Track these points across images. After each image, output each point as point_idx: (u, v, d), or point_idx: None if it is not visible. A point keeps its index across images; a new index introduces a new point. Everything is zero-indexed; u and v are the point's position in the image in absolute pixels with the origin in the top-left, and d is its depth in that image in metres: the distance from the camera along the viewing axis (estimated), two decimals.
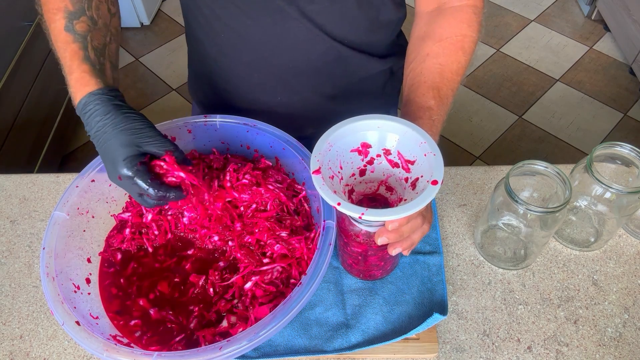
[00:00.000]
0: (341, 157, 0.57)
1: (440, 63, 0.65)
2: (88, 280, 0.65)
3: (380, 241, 0.54)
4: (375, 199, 0.63)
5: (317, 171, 0.52)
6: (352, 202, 0.58)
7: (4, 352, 0.66)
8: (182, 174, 0.58)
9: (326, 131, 0.56)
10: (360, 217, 0.49)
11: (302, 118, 0.81)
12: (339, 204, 0.49)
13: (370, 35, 0.76)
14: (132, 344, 0.59)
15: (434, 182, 0.51)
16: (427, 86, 0.63)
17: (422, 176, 0.54)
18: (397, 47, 0.82)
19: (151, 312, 0.63)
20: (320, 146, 0.55)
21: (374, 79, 0.83)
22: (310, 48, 0.71)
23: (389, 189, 0.61)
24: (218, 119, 0.73)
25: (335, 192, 0.51)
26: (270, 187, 0.69)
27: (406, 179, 0.57)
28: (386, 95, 0.87)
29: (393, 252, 0.56)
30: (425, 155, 0.54)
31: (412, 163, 0.56)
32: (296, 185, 0.72)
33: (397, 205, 0.51)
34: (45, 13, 0.63)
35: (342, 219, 0.60)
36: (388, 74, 0.84)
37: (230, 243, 0.66)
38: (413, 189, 0.55)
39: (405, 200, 0.57)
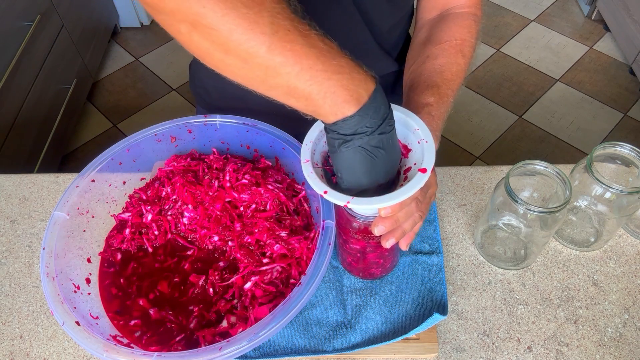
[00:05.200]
0: None
1: (440, 64, 0.66)
2: (88, 280, 0.65)
3: (377, 231, 0.53)
4: None
5: (307, 160, 0.52)
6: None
7: (4, 352, 0.66)
8: None
9: (318, 120, 0.54)
10: (345, 206, 0.49)
11: (297, 117, 0.82)
12: (325, 192, 0.49)
13: (393, 26, 0.76)
14: (132, 344, 0.59)
15: (423, 170, 0.49)
16: (426, 85, 0.63)
17: (414, 164, 0.53)
18: (406, 50, 0.83)
19: (151, 312, 0.63)
20: (312, 134, 0.54)
21: (384, 78, 0.83)
22: (345, 39, 0.68)
23: None
24: (218, 119, 0.73)
25: (322, 176, 0.50)
26: (269, 187, 0.69)
27: (400, 167, 0.55)
28: (395, 94, 0.88)
29: (387, 244, 0.54)
30: (418, 142, 0.53)
31: (408, 150, 0.55)
32: (296, 185, 0.72)
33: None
34: None
35: (340, 216, 0.60)
36: (397, 74, 0.85)
37: (230, 243, 0.66)
38: (406, 177, 0.54)
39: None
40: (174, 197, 0.70)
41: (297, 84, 0.43)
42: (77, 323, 0.56)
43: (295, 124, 0.59)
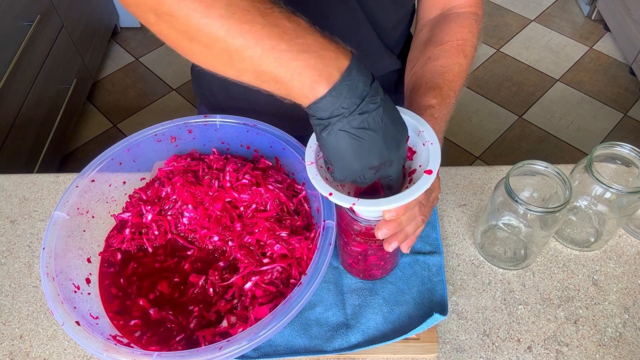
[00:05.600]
0: None
1: (442, 65, 0.65)
2: (88, 280, 0.65)
3: (380, 234, 0.53)
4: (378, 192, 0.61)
5: (312, 162, 0.51)
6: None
7: (4, 352, 0.66)
8: None
9: None
10: (351, 208, 0.48)
11: (303, 118, 0.82)
12: (330, 194, 0.49)
13: (396, 23, 0.76)
14: (132, 344, 0.59)
15: (428, 172, 0.49)
16: (428, 87, 0.63)
17: (420, 166, 0.53)
18: (408, 48, 0.83)
19: (151, 312, 0.63)
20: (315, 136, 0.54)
21: (387, 76, 0.83)
22: (349, 37, 0.66)
23: None
24: (218, 119, 0.73)
25: (327, 179, 0.50)
26: (270, 187, 0.69)
27: (405, 169, 0.55)
28: (398, 93, 0.88)
29: (389, 247, 0.54)
30: (423, 144, 0.52)
31: (413, 152, 0.55)
32: (296, 185, 0.72)
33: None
34: None
35: (342, 218, 0.60)
36: (400, 72, 0.85)
37: (230, 243, 0.66)
38: (411, 179, 0.54)
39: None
40: (174, 197, 0.70)
41: (263, 66, 0.41)
42: (77, 323, 0.56)
43: (301, 124, 0.59)
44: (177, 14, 0.40)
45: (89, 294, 0.63)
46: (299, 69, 0.41)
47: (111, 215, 0.72)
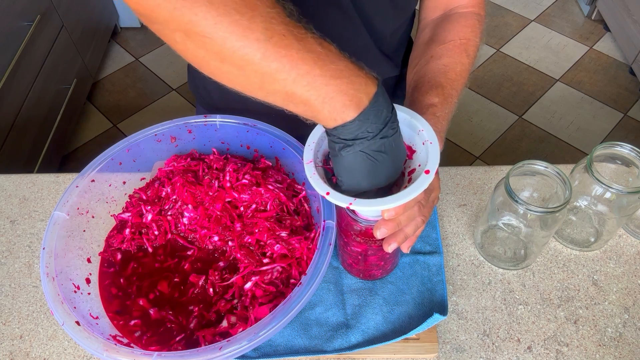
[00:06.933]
0: None
1: (444, 64, 0.65)
2: (88, 280, 0.65)
3: (379, 234, 0.53)
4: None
5: (310, 160, 0.51)
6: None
7: (4, 352, 0.66)
8: None
9: None
10: (348, 207, 0.48)
11: (298, 118, 0.82)
12: (327, 193, 0.49)
13: (395, 30, 0.76)
14: (132, 344, 0.59)
15: (427, 172, 0.49)
16: (430, 85, 0.63)
17: (419, 165, 0.52)
18: (408, 54, 0.82)
19: (151, 312, 0.63)
20: (315, 134, 0.54)
21: (386, 82, 0.83)
22: (346, 45, 0.65)
23: None
24: (218, 119, 0.73)
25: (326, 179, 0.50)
26: (270, 187, 0.69)
27: (404, 168, 0.55)
28: (396, 98, 0.88)
29: (389, 248, 0.54)
30: (423, 143, 0.52)
31: (412, 151, 0.55)
32: (296, 185, 0.72)
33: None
34: None
35: (342, 218, 0.60)
36: (398, 78, 0.85)
37: (230, 243, 0.66)
38: (410, 179, 0.54)
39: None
40: (174, 197, 0.70)
41: (295, 90, 0.42)
42: (77, 323, 0.56)
43: (296, 125, 0.59)
44: (213, 35, 0.40)
45: (89, 294, 0.63)
46: (331, 93, 0.42)
47: (111, 215, 0.72)
